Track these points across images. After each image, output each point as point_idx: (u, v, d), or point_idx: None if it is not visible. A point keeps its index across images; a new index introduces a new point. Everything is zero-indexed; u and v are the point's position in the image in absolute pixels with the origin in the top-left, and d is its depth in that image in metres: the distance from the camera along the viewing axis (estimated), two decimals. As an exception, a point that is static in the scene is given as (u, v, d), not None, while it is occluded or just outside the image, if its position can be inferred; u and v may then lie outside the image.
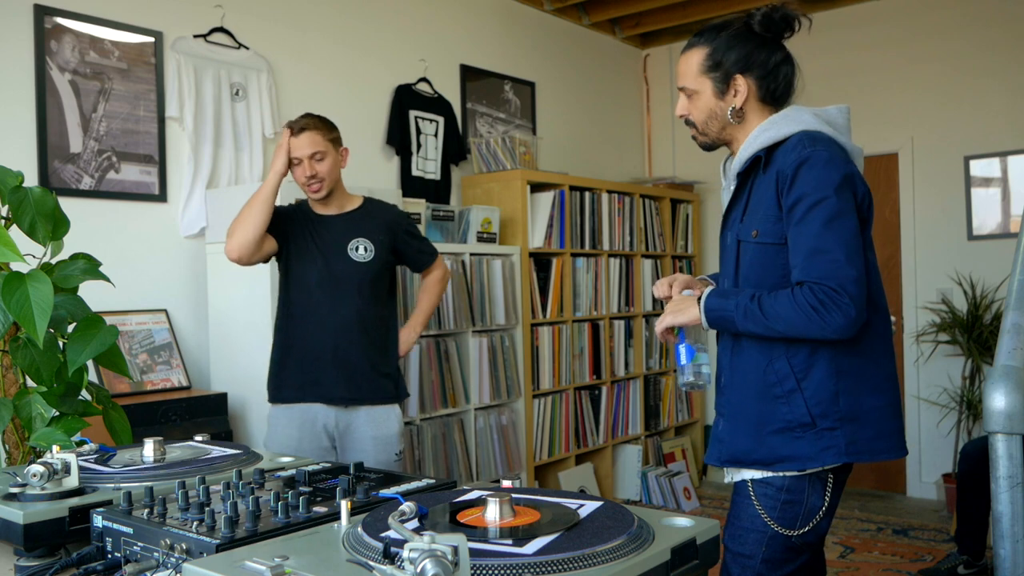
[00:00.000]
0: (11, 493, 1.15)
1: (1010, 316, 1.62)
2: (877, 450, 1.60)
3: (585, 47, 5.39)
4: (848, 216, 1.54)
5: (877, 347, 1.64)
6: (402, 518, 0.89)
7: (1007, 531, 1.39)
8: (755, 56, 1.67)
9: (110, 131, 3.07)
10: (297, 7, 3.71)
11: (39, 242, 1.72)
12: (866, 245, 1.60)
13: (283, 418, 2.58)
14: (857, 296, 1.52)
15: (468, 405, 3.80)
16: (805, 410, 1.59)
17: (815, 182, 1.54)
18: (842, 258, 1.52)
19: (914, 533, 4.33)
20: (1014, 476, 1.39)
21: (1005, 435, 1.41)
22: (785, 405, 1.60)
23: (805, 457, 1.59)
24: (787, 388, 1.60)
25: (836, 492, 1.65)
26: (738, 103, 1.68)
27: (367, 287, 2.60)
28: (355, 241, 2.61)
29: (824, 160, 1.55)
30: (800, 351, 1.60)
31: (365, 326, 2.59)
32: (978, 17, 4.82)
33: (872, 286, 1.61)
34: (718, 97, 1.69)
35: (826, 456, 1.58)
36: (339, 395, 2.55)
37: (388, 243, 2.65)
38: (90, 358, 1.64)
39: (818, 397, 1.59)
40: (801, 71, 1.74)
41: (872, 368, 1.62)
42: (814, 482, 1.61)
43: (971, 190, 4.84)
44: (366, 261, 2.60)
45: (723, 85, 1.68)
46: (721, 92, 1.69)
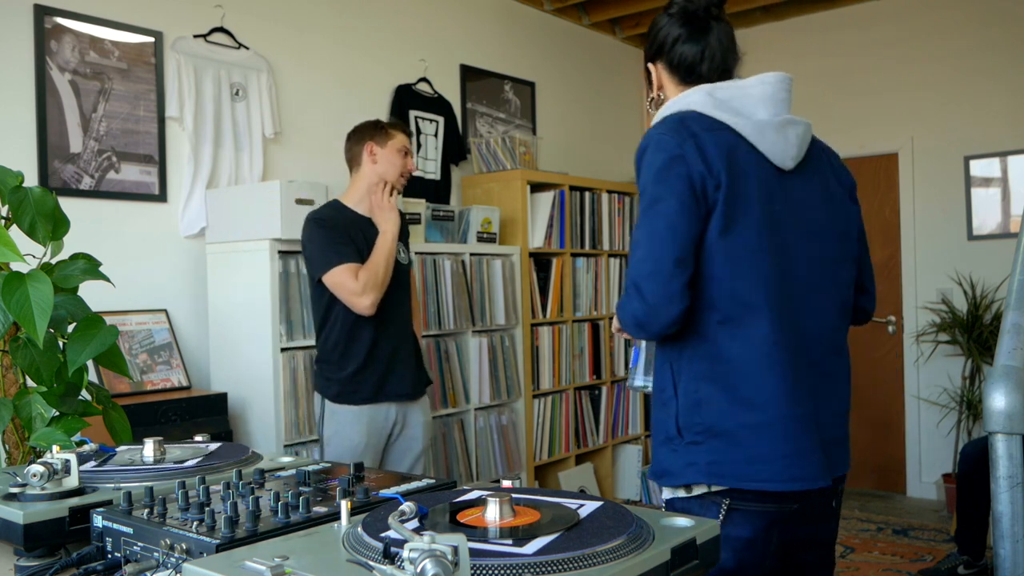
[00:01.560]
0: (11, 493, 1.15)
1: (1010, 316, 1.62)
2: (747, 476, 1.38)
3: (585, 47, 5.39)
4: (665, 202, 1.39)
5: (750, 354, 1.40)
6: (402, 518, 0.89)
7: (1007, 531, 1.39)
8: (659, 39, 1.57)
9: (110, 131, 3.07)
10: (297, 7, 3.71)
11: (39, 242, 1.72)
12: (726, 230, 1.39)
13: (352, 419, 2.67)
14: (650, 292, 1.37)
15: (468, 405, 3.80)
16: (674, 420, 1.45)
17: (643, 169, 1.44)
18: (643, 252, 1.40)
19: (914, 533, 4.34)
20: (1014, 476, 1.39)
21: (1005, 435, 1.41)
22: (664, 412, 1.48)
23: (672, 472, 1.45)
24: (667, 395, 1.47)
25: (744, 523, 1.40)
26: (655, 91, 1.61)
27: (407, 286, 2.80)
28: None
29: (654, 145, 1.43)
30: (680, 355, 1.45)
31: (411, 324, 2.82)
32: (978, 17, 4.82)
33: (739, 280, 1.40)
34: (648, 89, 1.64)
35: (688, 473, 1.42)
36: (407, 392, 2.74)
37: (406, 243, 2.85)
38: (90, 358, 1.64)
39: (685, 406, 1.43)
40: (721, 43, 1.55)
41: (739, 378, 1.39)
42: (706, 506, 1.42)
43: (971, 190, 4.84)
44: (407, 263, 2.81)
45: (647, 80, 1.63)
46: (648, 84, 1.63)
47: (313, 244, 2.61)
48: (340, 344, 2.64)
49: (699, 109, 1.45)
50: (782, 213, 1.43)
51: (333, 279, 2.57)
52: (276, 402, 2.98)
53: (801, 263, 1.44)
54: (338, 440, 2.67)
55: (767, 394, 1.39)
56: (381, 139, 2.76)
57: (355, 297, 2.55)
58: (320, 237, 2.61)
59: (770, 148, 1.43)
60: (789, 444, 1.38)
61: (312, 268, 2.62)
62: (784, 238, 1.43)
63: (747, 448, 1.38)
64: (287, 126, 3.66)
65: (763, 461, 1.38)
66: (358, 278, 2.55)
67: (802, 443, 1.39)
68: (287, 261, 3.05)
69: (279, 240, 2.98)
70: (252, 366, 3.05)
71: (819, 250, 1.47)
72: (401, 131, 2.81)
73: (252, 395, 3.07)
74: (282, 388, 3.00)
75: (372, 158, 2.74)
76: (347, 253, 2.58)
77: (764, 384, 1.39)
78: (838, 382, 1.50)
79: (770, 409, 1.38)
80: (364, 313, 2.59)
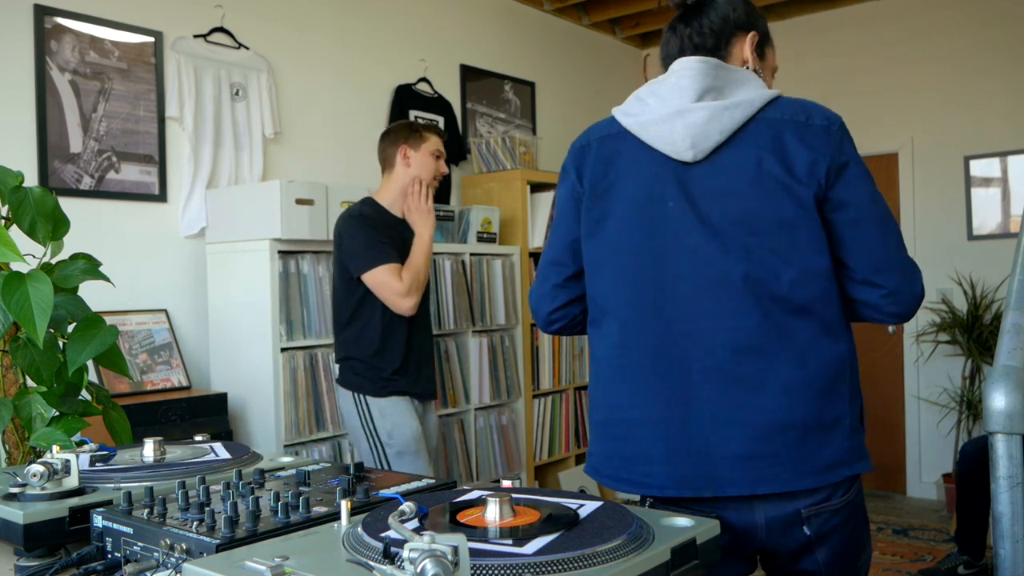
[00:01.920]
0: (11, 493, 1.15)
1: (1010, 316, 1.62)
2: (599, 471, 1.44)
3: (585, 47, 5.39)
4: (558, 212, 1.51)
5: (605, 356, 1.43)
6: (402, 518, 0.89)
7: (1007, 531, 1.39)
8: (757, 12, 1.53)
9: (110, 131, 3.07)
10: (297, 7, 3.71)
11: (39, 242, 1.72)
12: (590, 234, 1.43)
13: (404, 407, 2.69)
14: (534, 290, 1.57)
15: (468, 405, 3.80)
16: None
17: None
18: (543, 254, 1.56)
19: (914, 533, 4.33)
20: (1014, 476, 1.39)
21: (1005, 435, 1.40)
22: None
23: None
24: None
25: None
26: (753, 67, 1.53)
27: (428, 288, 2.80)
28: None
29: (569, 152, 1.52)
30: None
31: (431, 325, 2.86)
32: (978, 17, 4.82)
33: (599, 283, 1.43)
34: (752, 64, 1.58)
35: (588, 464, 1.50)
36: (431, 391, 2.83)
37: None
38: (90, 358, 1.64)
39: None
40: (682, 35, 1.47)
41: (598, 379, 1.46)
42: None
43: (971, 190, 4.84)
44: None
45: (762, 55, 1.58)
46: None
47: (355, 241, 2.60)
48: (376, 342, 2.64)
49: (615, 112, 1.47)
50: (677, 210, 1.34)
51: (376, 278, 2.57)
52: (276, 402, 2.98)
53: (689, 261, 1.33)
54: (400, 432, 2.67)
55: (610, 396, 1.42)
56: (415, 142, 2.75)
57: (398, 298, 2.57)
58: (363, 235, 2.61)
59: (660, 143, 1.36)
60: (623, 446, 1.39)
61: (353, 264, 2.60)
62: (674, 237, 1.34)
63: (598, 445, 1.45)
64: (287, 126, 3.66)
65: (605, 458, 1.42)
66: (402, 279, 2.57)
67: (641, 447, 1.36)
68: (287, 261, 3.05)
69: (279, 240, 2.98)
70: (252, 366, 3.05)
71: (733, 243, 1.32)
72: (435, 134, 2.81)
73: (252, 395, 3.07)
74: (282, 388, 3.00)
75: (406, 161, 2.74)
76: (389, 253, 2.59)
77: (608, 386, 1.43)
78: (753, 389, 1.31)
79: (611, 410, 1.42)
80: (405, 314, 2.62)
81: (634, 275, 1.37)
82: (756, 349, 1.32)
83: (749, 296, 1.32)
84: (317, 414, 3.13)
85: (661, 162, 1.37)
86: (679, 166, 1.36)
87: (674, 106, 1.35)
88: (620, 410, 1.40)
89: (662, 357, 1.35)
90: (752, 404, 1.31)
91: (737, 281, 1.32)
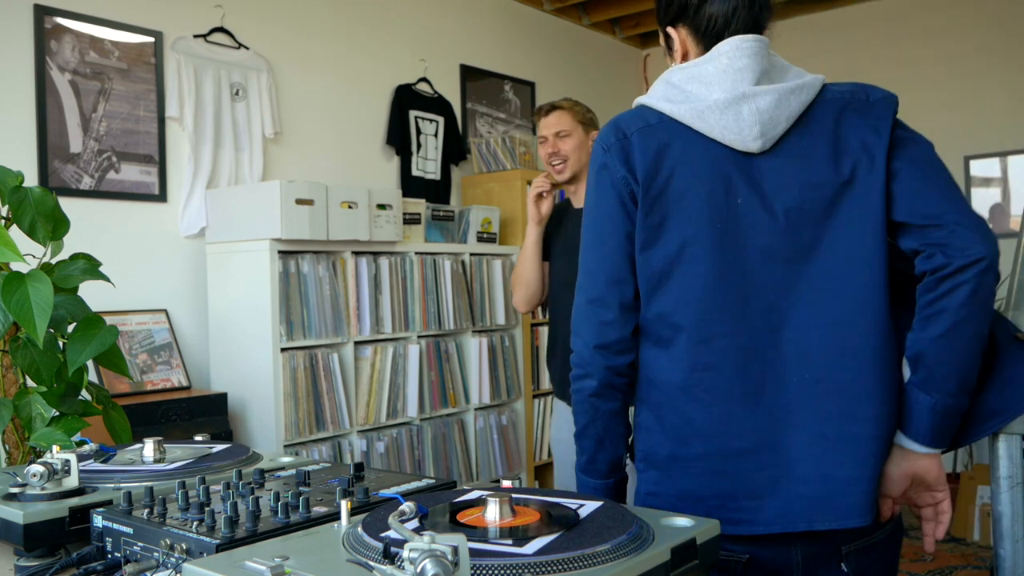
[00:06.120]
0: (11, 493, 1.15)
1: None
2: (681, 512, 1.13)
3: (585, 47, 5.39)
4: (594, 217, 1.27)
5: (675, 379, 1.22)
6: (402, 518, 0.89)
7: (1007, 531, 1.39)
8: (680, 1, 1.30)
9: (110, 131, 3.07)
10: (297, 7, 3.71)
11: (39, 242, 1.72)
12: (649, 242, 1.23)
13: (559, 410, 2.65)
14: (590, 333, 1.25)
15: (468, 405, 3.80)
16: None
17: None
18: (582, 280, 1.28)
19: (914, 533, 4.33)
20: (1014, 476, 1.39)
21: (1005, 435, 1.40)
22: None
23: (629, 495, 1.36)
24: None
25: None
26: (677, 60, 1.34)
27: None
28: None
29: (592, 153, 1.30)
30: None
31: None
32: (978, 18, 4.82)
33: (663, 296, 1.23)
34: (669, 59, 1.37)
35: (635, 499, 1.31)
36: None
37: None
38: (90, 358, 1.64)
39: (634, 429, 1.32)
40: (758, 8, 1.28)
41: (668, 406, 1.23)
42: None
43: (971, 190, 4.84)
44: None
45: (667, 45, 1.36)
46: (669, 52, 1.37)
47: None
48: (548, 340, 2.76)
49: (648, 101, 1.28)
50: (748, 206, 1.20)
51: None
52: (276, 402, 2.98)
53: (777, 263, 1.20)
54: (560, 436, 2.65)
55: (694, 426, 1.20)
56: (539, 126, 2.68)
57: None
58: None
59: (721, 133, 1.20)
60: (721, 482, 1.19)
61: None
62: (748, 237, 1.20)
63: (679, 483, 1.22)
64: (287, 126, 3.65)
65: (694, 499, 1.21)
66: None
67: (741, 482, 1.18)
68: (287, 261, 3.05)
69: (279, 240, 2.98)
70: (252, 366, 3.05)
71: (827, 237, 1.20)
72: (544, 114, 2.65)
73: (252, 395, 3.07)
74: (282, 388, 3.00)
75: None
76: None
77: (690, 414, 1.21)
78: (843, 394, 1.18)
79: (698, 442, 1.20)
80: (520, 311, 2.71)
81: (704, 286, 1.20)
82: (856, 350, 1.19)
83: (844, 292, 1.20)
84: (317, 414, 3.13)
85: (721, 154, 1.21)
86: (741, 157, 1.21)
87: (735, 90, 1.20)
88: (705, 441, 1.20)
89: (757, 375, 1.19)
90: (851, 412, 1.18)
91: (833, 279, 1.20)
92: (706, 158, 1.21)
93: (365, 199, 3.23)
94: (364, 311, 3.32)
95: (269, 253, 2.98)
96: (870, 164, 1.20)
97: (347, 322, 3.24)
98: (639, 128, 1.25)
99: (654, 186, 1.22)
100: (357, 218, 3.20)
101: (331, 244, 3.18)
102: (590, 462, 1.30)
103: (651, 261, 1.22)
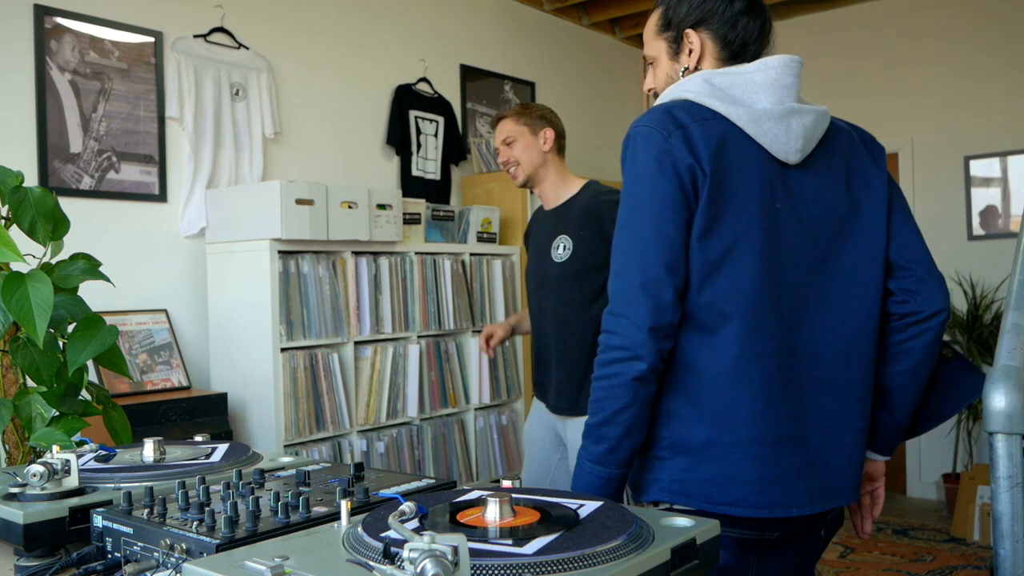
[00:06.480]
0: (11, 493, 1.15)
1: (1010, 316, 1.62)
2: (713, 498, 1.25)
3: (585, 47, 5.39)
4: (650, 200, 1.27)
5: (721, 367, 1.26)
6: (402, 518, 0.89)
7: (1007, 531, 1.39)
8: (709, 6, 1.39)
9: (110, 131, 3.07)
10: (297, 7, 3.71)
11: (39, 242, 1.72)
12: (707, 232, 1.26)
13: (534, 408, 2.71)
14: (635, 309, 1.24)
15: (468, 405, 3.80)
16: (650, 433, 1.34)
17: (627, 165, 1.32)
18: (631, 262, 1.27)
19: (914, 533, 4.33)
20: (1014, 476, 1.39)
21: (1005, 435, 1.40)
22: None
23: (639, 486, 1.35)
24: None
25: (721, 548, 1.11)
26: (692, 62, 1.41)
27: (570, 291, 2.47)
28: (559, 239, 2.51)
29: (641, 138, 1.30)
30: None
31: (567, 336, 2.48)
32: (978, 18, 4.82)
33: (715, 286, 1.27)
34: (673, 59, 1.45)
35: (651, 490, 1.32)
36: (552, 403, 2.56)
37: (592, 237, 2.44)
38: (90, 358, 1.64)
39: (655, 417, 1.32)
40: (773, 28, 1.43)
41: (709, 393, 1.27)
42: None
43: (971, 190, 4.84)
44: (564, 261, 2.48)
45: (676, 45, 1.44)
46: (675, 52, 1.44)
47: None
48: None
49: (693, 98, 1.31)
50: (785, 211, 1.30)
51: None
52: (276, 402, 2.99)
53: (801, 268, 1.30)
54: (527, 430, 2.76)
55: (738, 412, 1.26)
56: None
57: None
58: None
59: (770, 141, 1.29)
60: (761, 467, 1.25)
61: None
62: (786, 239, 1.29)
63: (714, 468, 1.26)
64: (287, 126, 3.66)
65: (731, 484, 1.25)
66: None
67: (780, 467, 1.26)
68: (287, 261, 3.05)
69: (279, 240, 2.98)
70: (252, 366, 3.05)
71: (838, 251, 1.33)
72: (493, 127, 2.74)
73: (252, 395, 3.07)
74: (282, 388, 3.00)
75: None
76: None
77: (735, 401, 1.26)
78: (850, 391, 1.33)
79: (741, 428, 1.25)
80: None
81: (753, 279, 1.26)
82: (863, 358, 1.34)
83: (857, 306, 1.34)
84: (317, 414, 3.13)
85: (765, 159, 1.30)
86: (779, 166, 1.31)
87: (782, 104, 1.30)
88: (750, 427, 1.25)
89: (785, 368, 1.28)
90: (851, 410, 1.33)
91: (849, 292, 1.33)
92: (756, 160, 1.29)
93: (365, 199, 3.23)
94: (364, 311, 3.32)
95: (269, 253, 2.98)
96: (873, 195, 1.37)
97: (347, 322, 3.24)
98: (696, 120, 1.29)
99: (716, 177, 1.26)
100: (357, 218, 3.21)
101: (331, 244, 3.18)
102: (612, 451, 1.28)
103: (708, 249, 1.26)
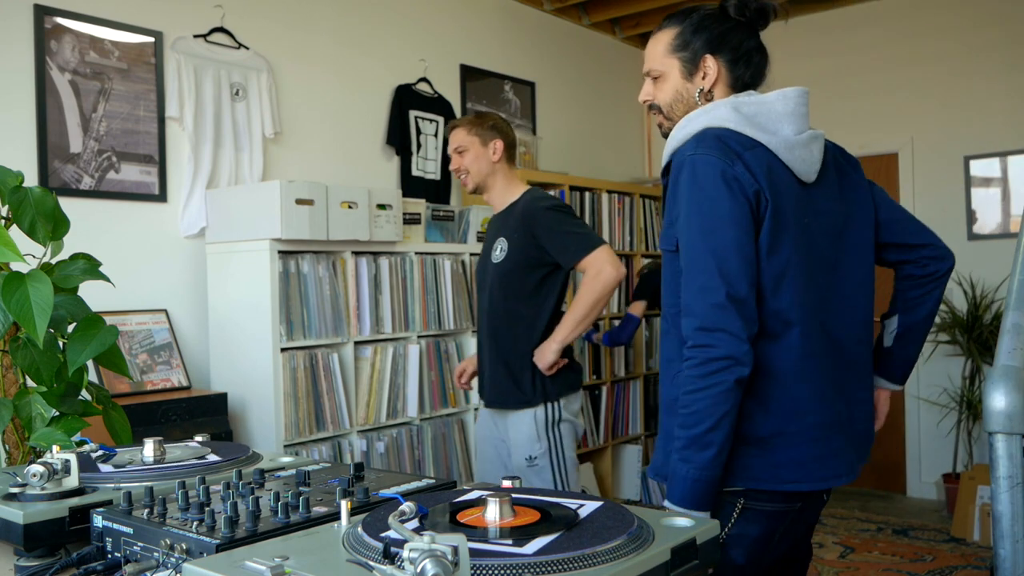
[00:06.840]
0: (11, 493, 1.15)
1: (1010, 316, 1.62)
2: (782, 478, 1.44)
3: (585, 47, 5.39)
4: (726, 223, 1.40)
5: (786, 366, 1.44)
6: (402, 518, 0.89)
7: (1007, 531, 1.39)
8: (727, 38, 1.56)
9: (110, 131, 3.07)
10: (297, 7, 3.71)
11: (39, 242, 1.72)
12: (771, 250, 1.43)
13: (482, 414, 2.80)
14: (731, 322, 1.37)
15: (468, 405, 3.80)
16: None
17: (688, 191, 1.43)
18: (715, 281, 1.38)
19: (914, 533, 4.33)
20: (1014, 476, 1.39)
21: (1005, 435, 1.40)
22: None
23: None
24: None
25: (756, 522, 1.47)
26: (707, 85, 1.56)
27: (500, 290, 2.61)
28: (498, 241, 2.64)
29: (700, 164, 1.42)
30: None
31: (497, 332, 2.63)
32: (978, 18, 4.82)
33: (780, 297, 1.44)
34: (686, 78, 1.58)
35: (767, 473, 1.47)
36: (487, 397, 2.70)
37: (523, 240, 2.55)
38: (90, 358, 1.64)
39: None
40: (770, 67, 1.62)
41: (777, 390, 1.44)
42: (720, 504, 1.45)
43: (971, 190, 4.84)
44: (499, 262, 2.61)
45: (691, 66, 1.57)
46: (689, 73, 1.58)
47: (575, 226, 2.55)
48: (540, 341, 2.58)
49: (730, 126, 1.45)
50: (811, 225, 1.49)
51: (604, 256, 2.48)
52: (276, 402, 2.98)
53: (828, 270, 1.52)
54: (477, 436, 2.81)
55: (802, 404, 1.45)
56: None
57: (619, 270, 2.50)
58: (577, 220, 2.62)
59: (799, 165, 1.48)
60: (820, 447, 1.46)
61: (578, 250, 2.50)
62: (815, 250, 1.49)
63: (779, 454, 1.44)
64: (287, 126, 3.66)
65: (796, 465, 1.45)
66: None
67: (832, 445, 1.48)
68: (287, 261, 3.05)
69: (279, 240, 2.98)
70: (252, 366, 3.05)
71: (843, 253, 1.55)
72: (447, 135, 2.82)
73: (252, 395, 3.07)
74: (282, 388, 3.00)
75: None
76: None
77: (799, 395, 1.45)
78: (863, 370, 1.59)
79: (806, 417, 1.45)
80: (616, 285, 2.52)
81: (806, 288, 1.46)
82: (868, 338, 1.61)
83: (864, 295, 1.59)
84: (317, 414, 3.13)
85: (793, 181, 1.48)
86: (800, 185, 1.49)
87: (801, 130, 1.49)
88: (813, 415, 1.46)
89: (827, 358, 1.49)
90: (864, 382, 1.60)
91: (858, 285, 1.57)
92: (789, 183, 1.47)
93: (365, 199, 3.23)
94: (364, 311, 3.32)
95: (269, 253, 2.98)
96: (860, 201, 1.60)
97: (347, 322, 3.24)
98: (746, 148, 1.44)
99: (774, 201, 1.43)
100: (357, 218, 3.21)
101: (331, 244, 3.18)
102: (719, 454, 1.40)
103: (774, 265, 1.43)
